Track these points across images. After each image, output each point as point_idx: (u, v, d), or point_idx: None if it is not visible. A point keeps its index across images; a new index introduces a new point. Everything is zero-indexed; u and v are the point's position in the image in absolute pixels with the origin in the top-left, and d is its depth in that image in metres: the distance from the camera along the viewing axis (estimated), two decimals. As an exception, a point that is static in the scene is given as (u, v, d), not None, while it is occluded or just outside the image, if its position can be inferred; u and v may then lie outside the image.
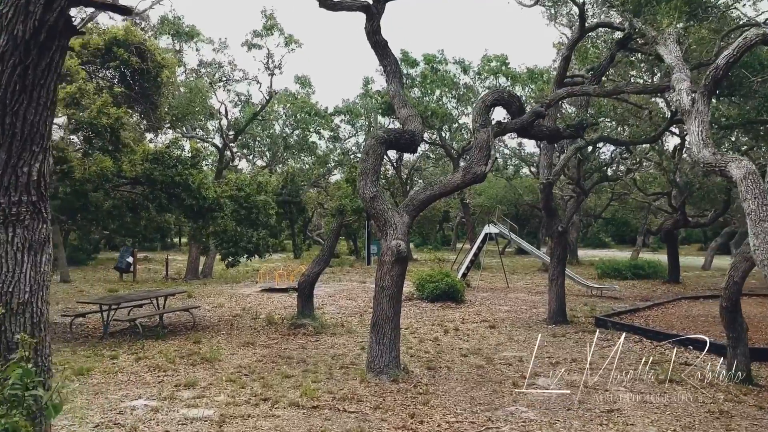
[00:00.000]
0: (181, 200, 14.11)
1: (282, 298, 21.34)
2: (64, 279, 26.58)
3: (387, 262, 10.22)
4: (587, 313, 17.94)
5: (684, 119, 8.12)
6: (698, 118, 7.54)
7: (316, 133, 35.81)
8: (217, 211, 14.46)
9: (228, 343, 13.22)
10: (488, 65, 33.00)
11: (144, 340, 13.31)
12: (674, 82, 8.42)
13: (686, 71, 8.54)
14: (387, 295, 10.22)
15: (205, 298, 21.02)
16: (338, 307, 19.03)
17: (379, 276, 10.32)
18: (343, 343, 13.34)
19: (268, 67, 26.83)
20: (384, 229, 10.31)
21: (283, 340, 13.64)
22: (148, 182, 14.24)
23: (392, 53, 11.99)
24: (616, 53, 12.68)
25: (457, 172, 10.78)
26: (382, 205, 10.31)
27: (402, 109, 11.62)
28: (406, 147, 11.08)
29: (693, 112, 7.63)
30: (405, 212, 10.56)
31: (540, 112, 10.86)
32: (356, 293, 22.95)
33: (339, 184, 43.48)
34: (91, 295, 22.12)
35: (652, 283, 27.05)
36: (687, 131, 7.89)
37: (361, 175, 10.39)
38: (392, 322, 10.27)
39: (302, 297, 14.93)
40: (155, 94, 18.18)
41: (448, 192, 10.82)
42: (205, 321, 16.19)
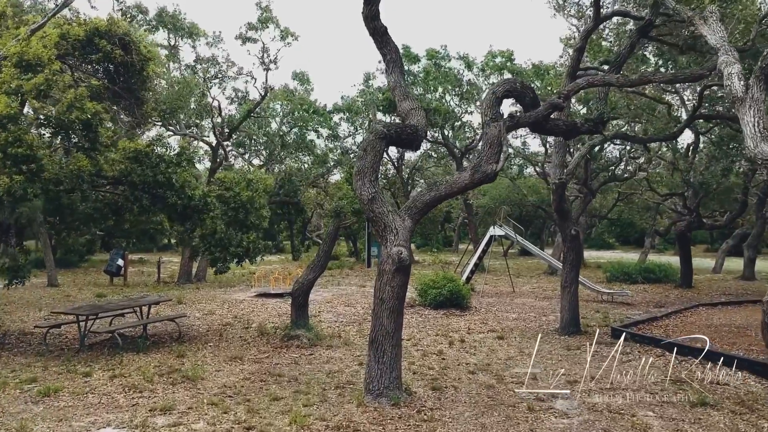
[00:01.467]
0: (165, 201, 13.04)
1: (277, 304, 20.27)
2: (51, 283, 25.55)
3: (387, 272, 9.15)
4: (600, 322, 16.85)
5: (736, 108, 7.07)
6: (754, 106, 6.51)
7: (315, 132, 34.75)
8: (204, 212, 13.38)
9: (214, 358, 12.14)
10: (493, 61, 31.89)
11: (123, 354, 12.24)
12: (721, 65, 7.36)
13: (734, 53, 7.48)
14: (387, 309, 9.15)
15: (195, 304, 19.95)
16: (335, 315, 17.96)
17: (378, 287, 9.25)
18: (339, 357, 12.27)
19: (264, 62, 25.75)
20: (384, 235, 9.24)
21: (274, 353, 12.57)
22: (128, 183, 13.17)
23: (392, 41, 10.92)
24: (636, 42, 11.61)
25: (464, 171, 9.71)
26: (381, 208, 9.24)
27: (403, 102, 10.55)
28: (408, 143, 10.01)
29: (747, 100, 6.60)
30: (407, 216, 9.49)
31: (557, 104, 9.80)
32: (355, 299, 21.88)
33: (339, 184, 42.49)
34: (78, 301, 21.11)
35: (664, 288, 25.95)
36: (741, 122, 6.83)
37: (358, 174, 9.32)
38: (393, 339, 9.19)
39: (296, 306, 13.85)
40: (140, 88, 17.08)
41: (454, 193, 9.75)
42: (193, 330, 15.12)
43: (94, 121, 11.88)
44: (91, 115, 11.74)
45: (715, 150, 21.08)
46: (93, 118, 11.80)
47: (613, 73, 10.98)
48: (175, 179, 13.05)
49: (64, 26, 15.31)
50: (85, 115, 11.64)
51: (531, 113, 9.90)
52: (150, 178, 12.89)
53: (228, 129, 27.92)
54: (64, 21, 15.59)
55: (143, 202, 13.06)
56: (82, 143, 12.29)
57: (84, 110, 11.77)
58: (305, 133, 34.66)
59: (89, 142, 12.32)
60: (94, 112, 11.81)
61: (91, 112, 11.84)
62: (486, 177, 9.51)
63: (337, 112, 34.62)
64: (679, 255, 26.14)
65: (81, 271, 33.61)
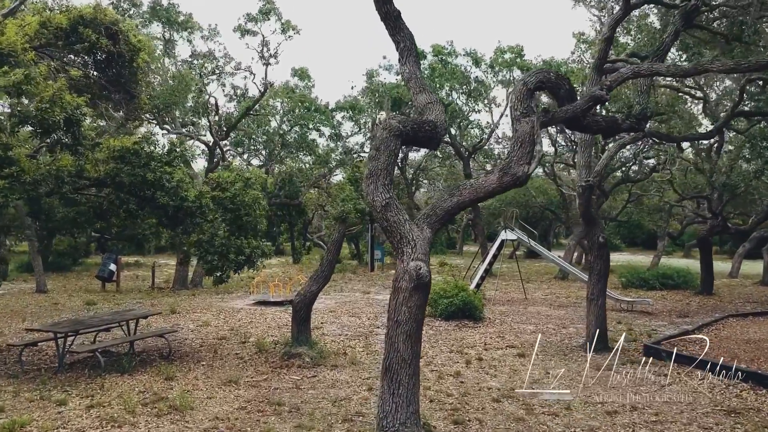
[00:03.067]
0: (155, 203, 11.80)
1: (277, 313, 19.02)
2: (40, 289, 24.28)
3: (403, 290, 7.89)
4: (629, 333, 15.58)
5: None
6: None
7: (316, 130, 33.41)
8: (198, 216, 12.14)
9: (207, 381, 10.90)
10: (502, 57, 30.63)
11: (106, 376, 11.00)
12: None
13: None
14: (403, 333, 7.89)
15: (190, 313, 18.69)
16: (339, 326, 16.72)
17: (392, 307, 7.99)
18: (345, 379, 11.02)
19: (263, 56, 24.49)
20: (399, 247, 7.98)
21: (273, 375, 11.33)
22: (114, 184, 11.94)
23: (406, 27, 9.67)
24: (681, 28, 10.39)
25: (491, 173, 8.46)
26: (397, 216, 7.99)
27: (420, 95, 9.30)
28: (426, 141, 8.76)
29: None
30: (426, 225, 8.24)
31: (599, 97, 8.55)
32: (360, 307, 20.64)
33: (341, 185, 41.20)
34: (66, 309, 19.89)
35: (683, 294, 24.67)
36: None
37: (370, 177, 8.07)
38: (410, 367, 7.95)
39: (297, 320, 12.60)
40: (131, 81, 15.85)
41: (480, 199, 8.49)
42: (185, 346, 13.88)
43: (76, 115, 10.62)
44: (72, 109, 10.49)
45: (749, 150, 19.82)
46: (74, 113, 10.55)
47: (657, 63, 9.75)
48: (166, 179, 11.82)
49: (45, 13, 14.11)
50: (66, 112, 10.39)
51: (568, 107, 8.65)
52: (138, 178, 11.66)
53: (225, 127, 26.66)
54: (44, 7, 14.35)
55: (130, 205, 11.83)
56: (64, 140, 11.04)
57: (64, 105, 10.53)
58: (306, 132, 33.37)
59: (72, 138, 11.08)
60: (75, 106, 10.56)
61: (72, 106, 10.60)
62: (516, 180, 8.26)
63: (339, 110, 33.35)
64: (701, 260, 24.86)
65: (73, 276, 32.34)
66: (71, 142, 10.94)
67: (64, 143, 10.94)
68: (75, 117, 10.45)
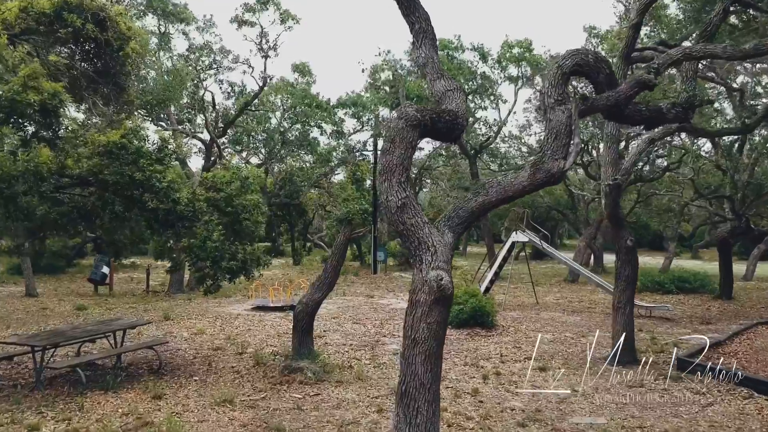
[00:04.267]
0: (143, 205, 10.75)
1: (276, 320, 17.97)
2: (29, 293, 23.22)
3: (422, 303, 6.84)
4: (651, 345, 14.54)
5: None
6: None
7: (318, 128, 32.28)
8: (191, 220, 11.09)
9: (199, 399, 9.84)
10: (510, 51, 29.52)
11: (88, 394, 9.95)
12: None
13: None
14: (422, 353, 6.84)
15: (184, 320, 17.63)
16: (343, 335, 15.65)
17: (409, 323, 6.93)
18: (352, 398, 9.96)
19: (262, 49, 23.44)
20: (417, 254, 6.93)
21: (272, 392, 10.27)
22: (98, 183, 10.89)
23: (422, 7, 8.60)
24: (729, 6, 9.35)
25: (523, 170, 7.39)
26: (415, 218, 6.93)
27: (437, 81, 8.23)
28: (446, 133, 7.68)
29: None
30: (447, 229, 7.18)
31: (647, 82, 7.50)
32: (364, 313, 19.59)
33: (343, 184, 40.10)
34: (55, 314, 18.86)
35: (701, 299, 23.60)
36: None
37: (385, 173, 7.01)
38: (430, 393, 6.89)
39: (299, 331, 11.55)
40: (120, 72, 14.79)
41: (509, 198, 7.42)
42: (178, 357, 12.83)
43: (54, 102, 9.56)
44: (49, 96, 9.44)
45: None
46: (52, 100, 9.49)
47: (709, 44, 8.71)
48: (156, 179, 10.77)
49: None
50: (42, 97, 9.33)
51: (609, 94, 7.58)
52: (125, 177, 10.61)
53: (223, 123, 25.56)
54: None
55: (115, 207, 10.77)
56: (40, 132, 9.99)
57: (39, 90, 9.48)
58: (308, 129, 32.24)
59: (49, 130, 10.03)
60: (53, 93, 9.50)
61: (49, 92, 9.54)
62: (551, 177, 7.19)
63: (341, 107, 32.22)
64: (720, 263, 23.77)
65: (66, 278, 31.27)
66: (50, 135, 9.88)
67: (40, 136, 9.87)
68: (51, 104, 9.38)
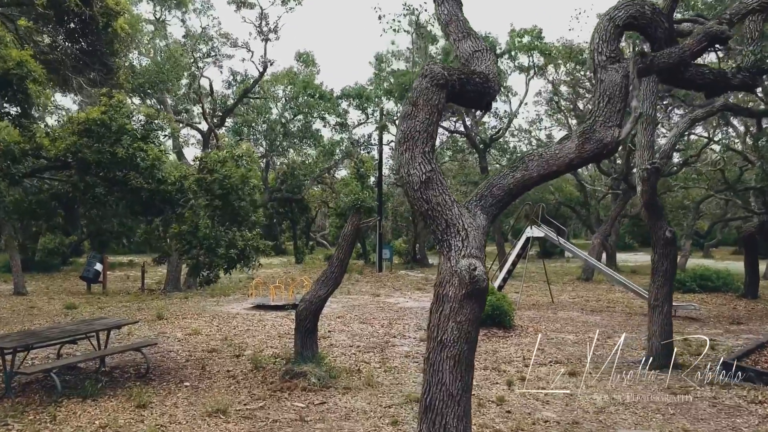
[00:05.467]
0: (126, 186, 9.60)
1: (277, 319, 16.81)
2: (18, 291, 22.08)
3: (450, 298, 5.68)
4: (686, 347, 13.35)
5: None
6: None
7: (321, 119, 31.03)
8: (180, 203, 9.93)
9: (189, 409, 8.68)
10: (519, 41, 28.29)
11: (63, 402, 8.80)
12: None
13: None
14: (451, 357, 5.68)
15: (179, 319, 16.46)
16: (350, 336, 14.48)
17: (435, 322, 5.77)
18: (362, 408, 8.79)
19: (262, 31, 22.23)
20: (444, 239, 5.76)
21: (272, 401, 9.10)
22: (78, 164, 9.72)
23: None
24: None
25: (568, 139, 6.21)
26: (442, 196, 5.77)
27: (463, 42, 7.06)
28: (476, 98, 6.51)
29: None
30: (479, 209, 6.02)
31: (719, 34, 6.30)
32: (370, 312, 18.42)
33: (346, 180, 38.90)
34: (43, 314, 17.71)
35: (725, 298, 22.37)
36: None
37: (404, 142, 5.85)
38: (459, 406, 5.73)
39: (302, 332, 10.36)
40: (107, 52, 13.65)
41: (552, 173, 6.25)
42: (168, 360, 11.66)
43: (19, 72, 8.40)
44: (14, 65, 8.28)
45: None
46: (18, 69, 8.33)
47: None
48: (140, 157, 9.61)
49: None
50: (4, 65, 8.17)
51: (672, 50, 6.39)
52: (106, 156, 9.46)
53: (221, 112, 24.37)
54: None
55: (96, 190, 9.61)
56: (4, 108, 8.83)
57: (5, 59, 8.32)
58: (310, 120, 31.00)
59: (17, 105, 8.87)
60: (18, 62, 8.34)
61: (14, 61, 8.38)
62: (603, 148, 6.03)
63: (345, 98, 30.99)
64: (745, 261, 22.59)
65: (60, 276, 30.11)
66: (17, 111, 8.72)
67: (4, 113, 8.72)
68: (17, 74, 8.22)
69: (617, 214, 30.55)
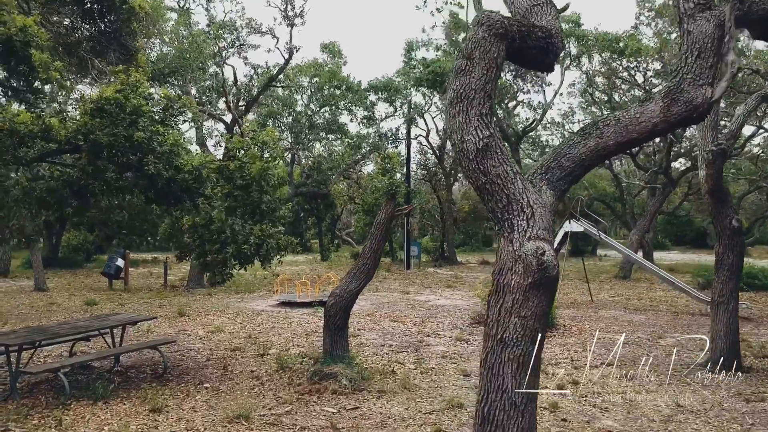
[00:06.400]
0: (141, 171, 8.81)
1: (304, 316, 15.99)
2: (39, 287, 21.58)
3: (514, 288, 4.76)
4: (748, 348, 12.26)
5: None
6: None
7: (348, 111, 30.10)
8: (199, 193, 9.12)
9: (208, 413, 7.85)
10: (555, 28, 27.09)
11: (72, 405, 8.03)
12: None
13: None
14: (514, 359, 4.76)
15: (201, 316, 15.72)
16: (381, 334, 13.60)
17: (494, 317, 4.85)
18: (400, 414, 7.89)
19: (287, 16, 21.42)
20: (506, 217, 4.85)
21: (299, 405, 8.23)
22: (91, 148, 8.94)
23: None
24: None
25: (650, 101, 5.25)
26: (502, 167, 4.85)
27: (519, -6, 6.13)
28: (538, 56, 5.57)
29: None
30: (545, 184, 5.10)
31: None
32: (401, 309, 17.53)
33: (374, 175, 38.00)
34: (62, 310, 17.14)
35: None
36: None
37: (457, 103, 4.93)
38: (524, 416, 4.81)
39: (331, 329, 9.49)
40: (127, 34, 12.92)
41: (632, 141, 5.27)
42: (188, 360, 10.87)
43: (22, 38, 7.61)
44: (17, 30, 7.50)
45: None
46: (20, 35, 7.54)
47: None
48: (157, 141, 8.82)
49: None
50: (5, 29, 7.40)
51: (775, -6, 5.43)
52: (120, 139, 8.67)
53: (245, 102, 23.60)
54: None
55: (107, 175, 8.83)
56: (10, 82, 8.06)
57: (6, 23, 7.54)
58: (337, 113, 30.12)
59: (21, 79, 8.11)
60: (21, 27, 7.56)
61: (17, 26, 7.61)
62: (693, 110, 5.05)
63: (373, 91, 30.05)
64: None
65: (83, 273, 29.66)
66: (21, 85, 7.97)
67: (10, 87, 7.96)
68: (20, 40, 7.44)
69: (656, 209, 29.28)
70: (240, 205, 9.41)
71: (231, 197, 9.39)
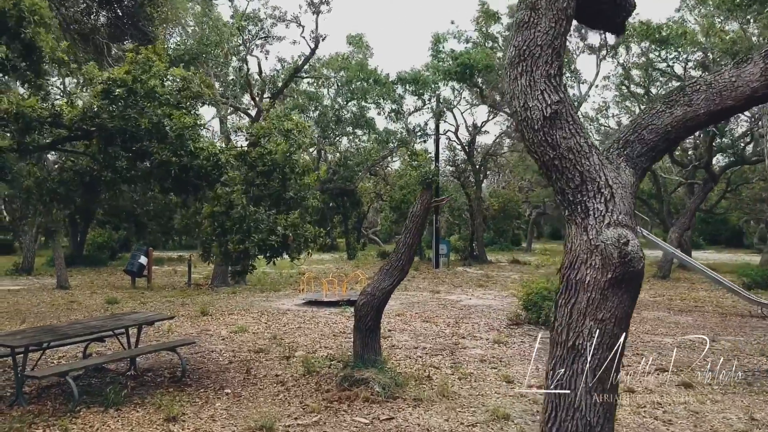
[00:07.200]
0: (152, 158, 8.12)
1: (331, 316, 15.25)
2: (61, 285, 21.13)
3: (589, 285, 3.96)
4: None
5: None
6: None
7: (376, 105, 29.31)
8: (216, 179, 8.41)
9: (228, 423, 7.12)
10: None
11: (80, 412, 7.36)
12: None
13: None
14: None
15: (225, 316, 15.07)
16: (413, 336, 12.80)
17: (565, 319, 4.05)
18: (440, 426, 7.08)
19: (312, 3, 20.68)
20: (578, 200, 4.04)
21: (328, 414, 7.47)
22: (100, 133, 8.27)
23: None
24: None
25: (748, 62, 4.40)
26: (574, 139, 4.06)
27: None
28: (609, 12, 4.77)
29: None
30: (623, 161, 4.28)
31: None
32: (432, 309, 16.70)
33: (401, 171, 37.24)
34: (83, 308, 16.62)
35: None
36: None
37: (520, 62, 4.14)
38: (601, 440, 4.00)
39: (362, 331, 8.72)
40: (144, 18, 12.29)
41: (727, 109, 4.43)
42: (209, 362, 10.17)
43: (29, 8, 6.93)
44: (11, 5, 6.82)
45: None
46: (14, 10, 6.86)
47: None
48: (170, 126, 8.12)
49: None
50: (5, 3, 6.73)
51: None
52: (131, 124, 7.98)
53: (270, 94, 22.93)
54: None
55: (117, 163, 8.14)
56: (13, 61, 7.38)
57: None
58: (365, 107, 29.35)
59: (24, 59, 7.45)
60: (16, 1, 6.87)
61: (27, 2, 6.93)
62: (803, 71, 4.19)
63: (401, 84, 29.20)
64: None
65: (107, 271, 29.27)
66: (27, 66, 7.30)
67: (14, 66, 7.28)
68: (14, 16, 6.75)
69: (696, 206, 28.07)
70: (264, 195, 8.67)
71: (253, 185, 8.66)
